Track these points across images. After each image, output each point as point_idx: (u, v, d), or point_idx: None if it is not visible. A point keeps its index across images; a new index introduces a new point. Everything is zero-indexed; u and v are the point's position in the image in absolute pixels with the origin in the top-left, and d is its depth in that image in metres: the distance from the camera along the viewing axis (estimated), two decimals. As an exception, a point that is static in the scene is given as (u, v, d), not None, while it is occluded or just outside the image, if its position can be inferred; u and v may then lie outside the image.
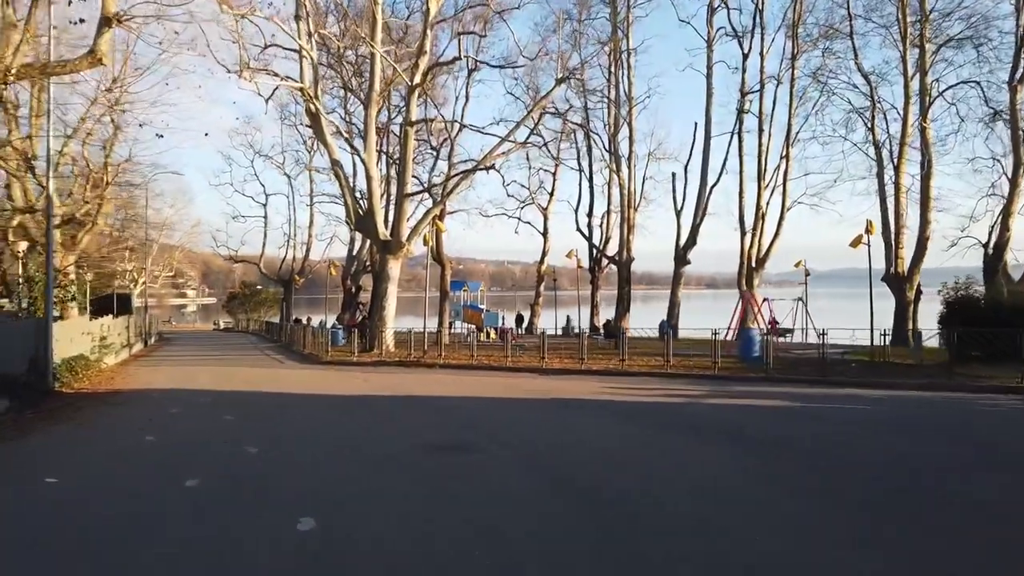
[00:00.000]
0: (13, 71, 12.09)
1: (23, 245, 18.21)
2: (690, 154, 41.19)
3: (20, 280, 17.28)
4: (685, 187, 41.65)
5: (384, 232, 28.80)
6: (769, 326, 28.87)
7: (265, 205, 53.13)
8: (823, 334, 18.66)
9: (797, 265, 39.24)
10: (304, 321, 44.09)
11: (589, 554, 4.85)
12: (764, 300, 32.17)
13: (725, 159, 40.51)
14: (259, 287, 60.90)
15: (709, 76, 40.33)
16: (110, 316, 26.62)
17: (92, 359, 20.42)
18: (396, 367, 22.26)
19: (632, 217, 43.72)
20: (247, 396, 15.15)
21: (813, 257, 42.26)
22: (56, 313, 22.09)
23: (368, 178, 28.23)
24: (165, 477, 7.34)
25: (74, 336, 18.84)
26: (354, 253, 50.52)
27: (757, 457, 8.17)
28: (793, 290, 40.80)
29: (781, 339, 27.75)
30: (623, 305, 43.55)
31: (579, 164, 48.83)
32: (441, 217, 33.35)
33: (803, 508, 6.03)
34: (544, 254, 49.70)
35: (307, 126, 46.12)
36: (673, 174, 42.54)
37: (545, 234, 49.94)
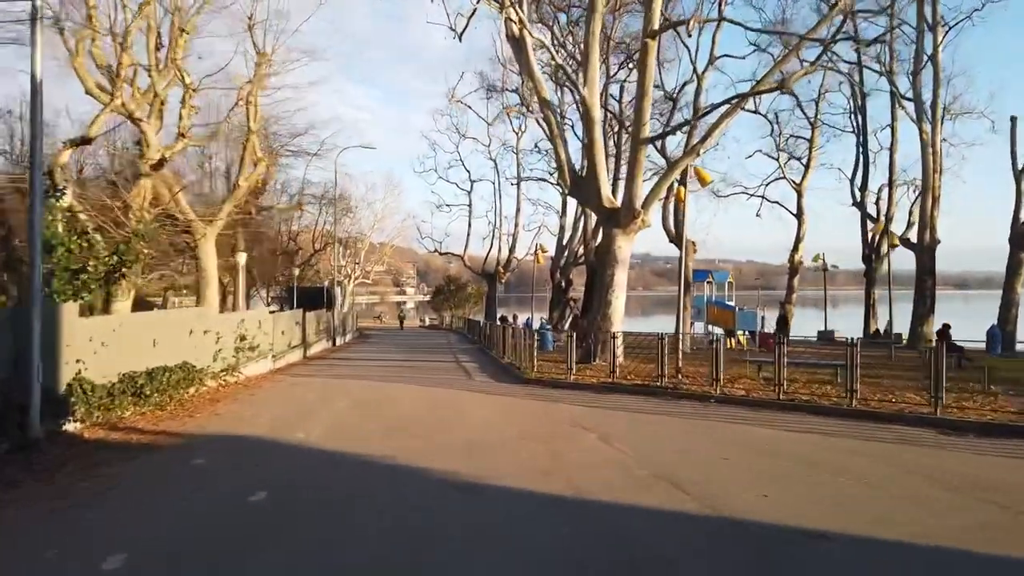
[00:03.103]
0: None
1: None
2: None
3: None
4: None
5: (610, 197, 19.57)
6: None
7: (470, 192, 46.72)
8: None
9: None
10: (510, 319, 36.53)
11: None
12: None
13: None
14: (465, 281, 55.00)
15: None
16: (266, 309, 20.38)
17: (211, 368, 13.55)
18: (636, 396, 12.88)
19: (937, 186, 30.35)
20: (363, 481, 6.60)
21: None
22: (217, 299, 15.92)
23: (588, 122, 19.17)
24: None
25: (169, 335, 11.88)
26: (564, 243, 42.19)
27: None
28: None
29: None
30: (924, 304, 30.33)
31: (852, 122, 36.11)
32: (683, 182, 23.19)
33: None
34: (798, 240, 37.50)
35: (513, 90, 38.61)
36: (1012, 118, 28.57)
37: (799, 215, 37.77)
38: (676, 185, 18.46)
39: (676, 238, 24.58)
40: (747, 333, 24.47)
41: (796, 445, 8.31)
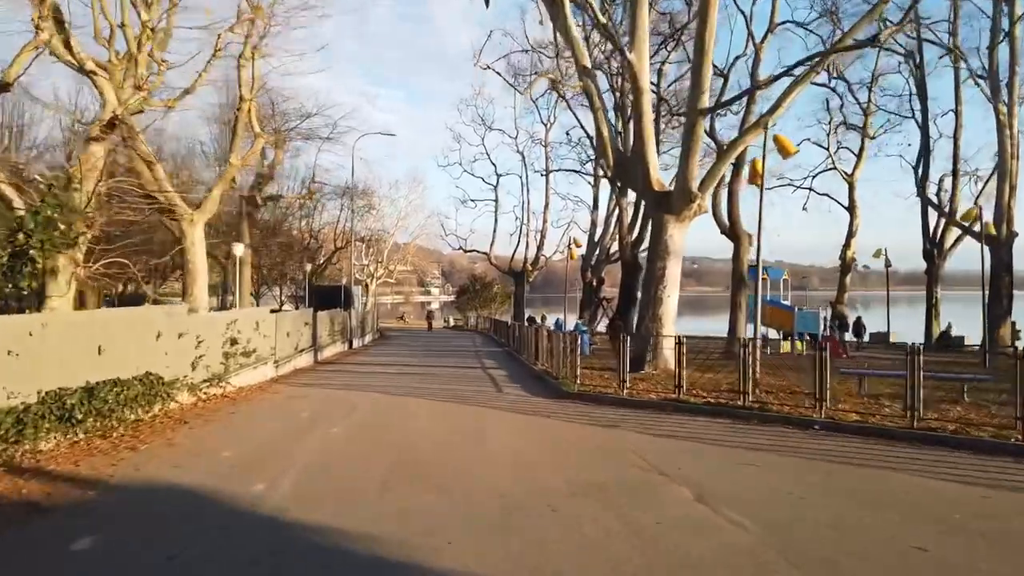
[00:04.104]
0: None
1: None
2: None
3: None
4: None
5: (660, 179, 16.65)
6: None
7: (496, 187, 43.91)
8: None
9: None
10: (538, 320, 33.69)
11: None
12: None
13: None
14: (491, 280, 52.12)
15: None
16: (267, 308, 17.81)
17: (188, 379, 10.95)
18: (711, 419, 9.93)
19: (1014, 172, 26.78)
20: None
21: None
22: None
23: (636, 92, 16.27)
24: None
25: (125, 340, 9.25)
26: (595, 239, 39.19)
27: None
28: None
29: None
30: (1001, 305, 26.72)
31: (912, 106, 32.48)
32: (738, 165, 20.02)
33: None
34: (850, 235, 34.03)
35: (544, 74, 35.71)
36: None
37: (851, 208, 34.30)
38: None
39: (731, 229, 21.47)
40: (811, 336, 21.30)
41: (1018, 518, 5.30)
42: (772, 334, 24.00)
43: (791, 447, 8.02)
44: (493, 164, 51.64)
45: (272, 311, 16.69)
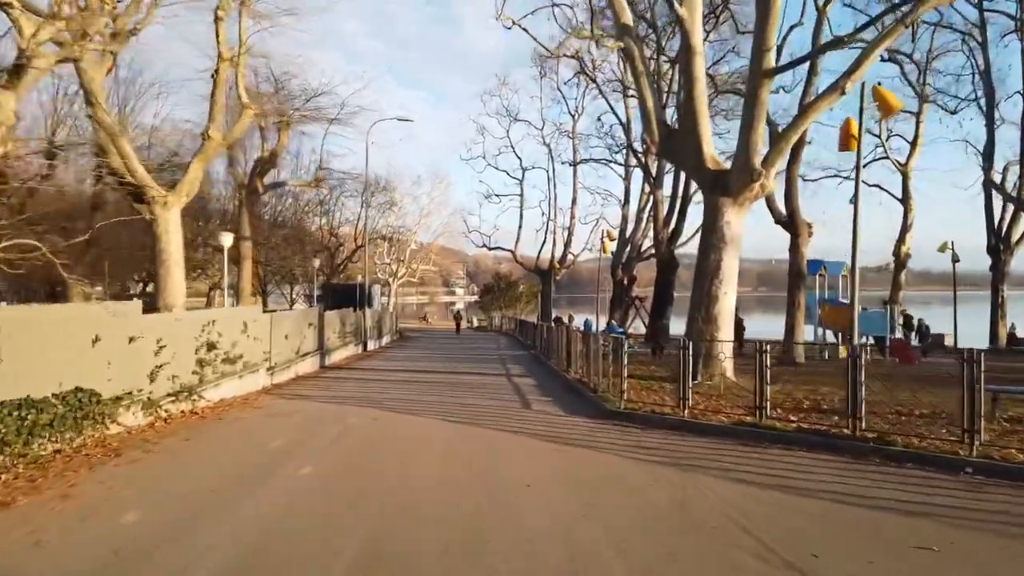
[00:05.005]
0: None
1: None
2: None
3: None
4: None
5: (714, 156, 13.99)
6: None
7: (521, 181, 41.39)
8: None
9: None
10: (565, 320, 31.13)
11: None
12: None
13: None
14: (516, 278, 49.56)
15: None
16: (258, 307, 15.49)
17: (144, 393, 8.64)
18: (809, 452, 7.28)
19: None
20: None
21: None
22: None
23: (688, 53, 13.65)
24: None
25: (40, 346, 6.92)
26: (626, 235, 36.44)
27: None
28: None
29: None
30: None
31: (974, 89, 29.15)
32: (799, 147, 17.04)
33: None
34: (905, 229, 30.77)
35: (571, 56, 33.06)
36: None
37: (906, 200, 31.02)
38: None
39: (789, 219, 18.61)
40: (875, 338, 18.41)
41: None
42: (830, 336, 21.13)
43: (955, 507, 5.34)
44: (518, 157, 49.14)
45: (267, 311, 14.38)
